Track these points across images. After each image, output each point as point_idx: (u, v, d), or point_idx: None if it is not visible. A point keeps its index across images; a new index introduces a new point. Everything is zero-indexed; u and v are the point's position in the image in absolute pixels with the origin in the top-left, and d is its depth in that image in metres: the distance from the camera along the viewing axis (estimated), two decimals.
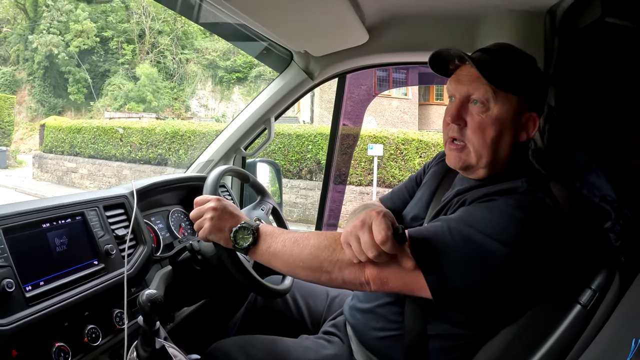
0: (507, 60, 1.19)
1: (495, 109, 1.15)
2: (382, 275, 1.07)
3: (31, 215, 1.18)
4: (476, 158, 1.19)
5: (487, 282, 1.04)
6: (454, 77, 1.24)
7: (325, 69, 2.05)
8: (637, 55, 1.33)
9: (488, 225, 1.05)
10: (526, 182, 1.14)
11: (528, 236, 1.04)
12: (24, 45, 27.92)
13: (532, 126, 1.20)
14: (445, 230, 1.07)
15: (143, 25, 28.60)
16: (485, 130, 1.16)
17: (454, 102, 1.21)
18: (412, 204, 1.50)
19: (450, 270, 1.04)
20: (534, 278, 1.07)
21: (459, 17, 1.72)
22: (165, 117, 24.31)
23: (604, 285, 1.11)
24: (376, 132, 12.58)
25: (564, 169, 1.37)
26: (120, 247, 1.39)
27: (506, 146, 1.18)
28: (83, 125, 17.18)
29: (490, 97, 1.15)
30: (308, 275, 1.15)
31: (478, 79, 1.15)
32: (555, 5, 1.49)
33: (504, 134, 1.17)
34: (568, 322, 1.13)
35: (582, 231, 1.22)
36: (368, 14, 1.72)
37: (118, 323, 1.29)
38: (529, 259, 1.04)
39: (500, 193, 1.13)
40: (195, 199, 1.35)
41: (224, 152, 2.22)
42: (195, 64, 29.02)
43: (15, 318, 1.02)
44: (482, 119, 1.16)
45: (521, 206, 1.07)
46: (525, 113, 1.18)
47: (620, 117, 1.34)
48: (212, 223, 1.26)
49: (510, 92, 1.15)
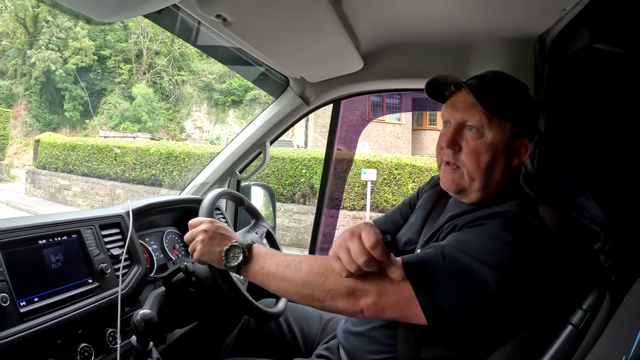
0: (501, 88, 1.22)
1: (490, 135, 1.18)
2: (377, 305, 1.07)
3: (28, 231, 1.18)
4: (469, 181, 1.21)
5: (479, 305, 1.04)
6: (449, 103, 1.27)
7: (320, 95, 2.08)
8: (625, 79, 1.37)
9: (478, 250, 1.06)
10: (516, 205, 1.16)
11: (518, 259, 1.05)
12: (22, 60, 28.00)
13: (524, 152, 1.23)
14: (439, 256, 1.08)
15: (141, 45, 28.81)
16: (479, 155, 1.19)
17: (450, 128, 1.23)
18: (405, 228, 1.50)
19: (444, 295, 1.04)
20: (525, 300, 1.08)
21: (452, 45, 1.77)
22: (160, 137, 24.32)
23: (595, 305, 1.13)
24: (370, 157, 12.64)
25: (554, 192, 1.40)
26: (115, 267, 1.38)
27: (499, 171, 1.21)
28: (78, 143, 17.15)
29: (485, 124, 1.18)
30: (301, 300, 1.17)
31: (473, 105, 1.18)
32: (545, 32, 1.54)
33: (497, 160, 1.20)
34: (560, 342, 1.15)
35: (572, 253, 1.24)
36: (363, 42, 1.76)
37: (111, 342, 1.28)
38: (519, 281, 1.05)
39: (490, 217, 1.15)
40: (190, 221, 1.37)
41: (219, 174, 2.23)
42: (192, 85, 29.15)
43: (9, 333, 1.02)
44: (477, 144, 1.19)
45: (510, 229, 1.09)
46: (518, 139, 1.22)
47: (609, 141, 1.37)
48: (204, 244, 1.28)
49: (504, 119, 1.18)
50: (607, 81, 1.42)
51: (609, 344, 0.99)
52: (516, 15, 1.50)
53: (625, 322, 0.97)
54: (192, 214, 1.47)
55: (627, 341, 0.85)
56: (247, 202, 1.80)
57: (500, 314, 1.07)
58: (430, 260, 1.08)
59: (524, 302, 1.08)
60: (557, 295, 1.16)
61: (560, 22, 1.45)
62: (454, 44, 1.76)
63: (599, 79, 1.43)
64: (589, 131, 1.40)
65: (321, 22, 1.43)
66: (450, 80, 1.24)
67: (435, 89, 1.30)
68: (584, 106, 1.43)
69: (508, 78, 1.27)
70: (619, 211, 1.24)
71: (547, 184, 1.41)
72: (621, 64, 1.39)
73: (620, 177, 1.36)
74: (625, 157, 1.37)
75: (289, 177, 12.58)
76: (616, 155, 1.38)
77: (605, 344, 1.01)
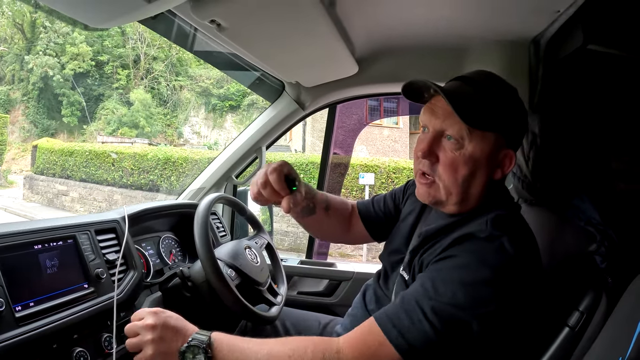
0: (486, 95, 1.12)
1: (470, 147, 1.09)
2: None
3: (23, 236, 1.19)
4: (446, 195, 1.14)
5: (460, 343, 0.98)
6: (428, 106, 1.18)
7: (316, 99, 2.09)
8: (619, 80, 1.37)
9: (457, 297, 0.98)
10: (491, 223, 1.07)
11: (498, 295, 0.98)
12: (19, 65, 27.97)
13: (509, 163, 1.14)
14: (417, 311, 0.99)
15: (138, 50, 28.79)
16: (457, 168, 1.10)
17: (427, 136, 1.15)
18: (392, 236, 1.47)
19: (419, 335, 0.97)
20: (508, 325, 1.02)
21: (446, 48, 1.78)
22: (158, 143, 24.28)
23: (591, 307, 1.14)
24: (367, 161, 12.64)
25: (549, 194, 1.40)
26: (110, 272, 1.39)
27: (479, 184, 1.13)
28: (75, 148, 17.14)
29: (465, 135, 1.09)
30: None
31: (452, 114, 1.07)
32: (539, 34, 1.55)
33: (476, 173, 1.12)
34: (557, 344, 1.15)
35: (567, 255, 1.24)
36: (358, 46, 1.78)
37: (107, 347, 1.28)
38: (502, 313, 0.99)
39: (460, 240, 1.07)
40: (133, 315, 1.15)
41: (215, 180, 2.24)
42: (189, 91, 29.14)
43: (4, 338, 1.02)
44: (455, 156, 1.10)
45: (484, 261, 1.01)
46: (502, 150, 1.13)
47: (604, 142, 1.38)
48: (155, 347, 1.06)
49: (486, 130, 1.09)
50: (602, 82, 1.42)
51: (605, 345, 0.99)
52: (510, 18, 1.51)
53: (622, 323, 0.97)
54: (188, 219, 1.46)
55: (624, 342, 0.85)
56: (248, 212, 1.81)
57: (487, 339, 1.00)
58: (406, 314, 1.00)
59: (508, 326, 1.03)
60: (554, 297, 1.16)
61: (554, 24, 1.46)
62: (449, 47, 1.77)
63: (593, 80, 1.44)
64: (584, 133, 1.39)
65: (316, 26, 1.43)
66: (428, 85, 1.14)
67: (414, 90, 1.20)
68: (579, 107, 1.43)
69: (496, 81, 1.17)
70: (615, 212, 1.24)
71: (542, 186, 1.41)
72: (615, 65, 1.39)
73: (615, 178, 1.36)
74: (620, 158, 1.38)
75: None
76: (611, 157, 1.38)
77: (602, 346, 1.01)
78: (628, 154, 1.39)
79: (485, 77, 1.18)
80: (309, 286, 2.32)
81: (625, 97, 1.41)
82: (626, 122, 1.40)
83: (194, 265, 1.53)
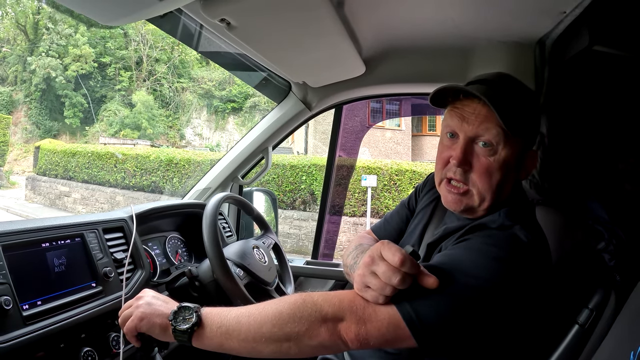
0: (517, 99, 1.11)
1: (503, 152, 1.09)
2: (360, 332, 0.96)
3: (31, 234, 1.18)
4: (479, 201, 1.12)
5: (468, 320, 0.97)
6: (456, 112, 1.14)
7: (322, 100, 2.09)
8: (625, 81, 1.37)
9: (468, 266, 0.99)
10: (504, 214, 1.09)
11: (506, 274, 0.98)
12: (22, 67, 28.12)
13: (532, 164, 1.16)
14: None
15: (141, 52, 28.91)
16: (492, 174, 1.09)
17: (459, 143, 1.12)
18: (406, 236, 1.45)
19: (429, 309, 0.95)
20: (515, 313, 1.01)
21: (452, 49, 1.77)
22: (160, 144, 24.33)
23: (601, 304, 1.14)
24: (370, 163, 12.62)
25: (557, 194, 1.40)
26: (118, 271, 1.39)
27: (509, 187, 1.13)
28: (78, 150, 17.18)
29: (501, 140, 1.08)
30: (274, 350, 0.99)
31: (488, 119, 1.07)
32: (545, 35, 1.55)
33: (508, 177, 1.11)
34: (567, 342, 1.16)
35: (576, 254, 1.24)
36: (365, 47, 1.77)
37: (114, 347, 1.28)
38: (510, 295, 0.98)
39: (473, 230, 1.09)
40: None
41: (221, 180, 2.24)
42: (191, 92, 29.22)
43: (11, 336, 1.02)
44: (490, 162, 1.09)
45: (496, 244, 1.02)
46: (527, 152, 1.15)
47: (611, 143, 1.37)
48: (142, 308, 1.10)
49: (518, 136, 1.10)
50: (607, 83, 1.42)
51: (616, 342, 0.99)
52: (516, 19, 1.50)
53: (632, 319, 0.97)
54: (195, 218, 1.46)
55: (634, 337, 0.85)
56: (256, 212, 1.81)
57: (492, 328, 1.00)
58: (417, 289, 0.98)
59: (517, 314, 1.02)
60: (563, 296, 1.16)
61: (560, 25, 1.45)
62: (455, 48, 1.76)
63: (599, 81, 1.43)
64: (590, 133, 1.39)
65: (324, 26, 1.43)
66: (463, 89, 1.11)
67: (439, 94, 1.16)
68: (585, 108, 1.43)
69: (518, 85, 1.16)
70: (622, 211, 1.24)
71: (550, 186, 1.41)
72: (621, 66, 1.39)
73: (622, 179, 1.36)
74: (627, 159, 1.37)
75: (289, 183, 12.55)
76: (618, 157, 1.38)
77: (612, 342, 1.01)
78: (633, 156, 1.39)
79: (506, 79, 1.17)
80: (315, 287, 2.32)
81: (631, 98, 1.41)
82: (632, 123, 1.40)
83: (202, 264, 1.53)
